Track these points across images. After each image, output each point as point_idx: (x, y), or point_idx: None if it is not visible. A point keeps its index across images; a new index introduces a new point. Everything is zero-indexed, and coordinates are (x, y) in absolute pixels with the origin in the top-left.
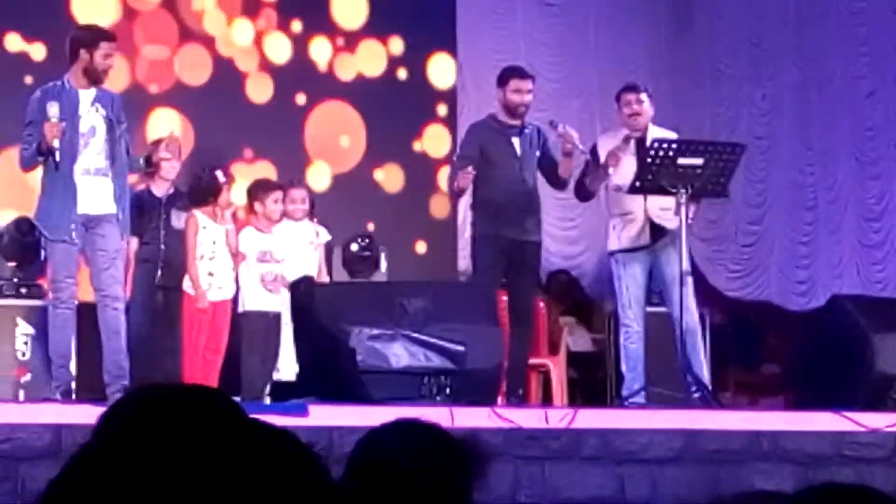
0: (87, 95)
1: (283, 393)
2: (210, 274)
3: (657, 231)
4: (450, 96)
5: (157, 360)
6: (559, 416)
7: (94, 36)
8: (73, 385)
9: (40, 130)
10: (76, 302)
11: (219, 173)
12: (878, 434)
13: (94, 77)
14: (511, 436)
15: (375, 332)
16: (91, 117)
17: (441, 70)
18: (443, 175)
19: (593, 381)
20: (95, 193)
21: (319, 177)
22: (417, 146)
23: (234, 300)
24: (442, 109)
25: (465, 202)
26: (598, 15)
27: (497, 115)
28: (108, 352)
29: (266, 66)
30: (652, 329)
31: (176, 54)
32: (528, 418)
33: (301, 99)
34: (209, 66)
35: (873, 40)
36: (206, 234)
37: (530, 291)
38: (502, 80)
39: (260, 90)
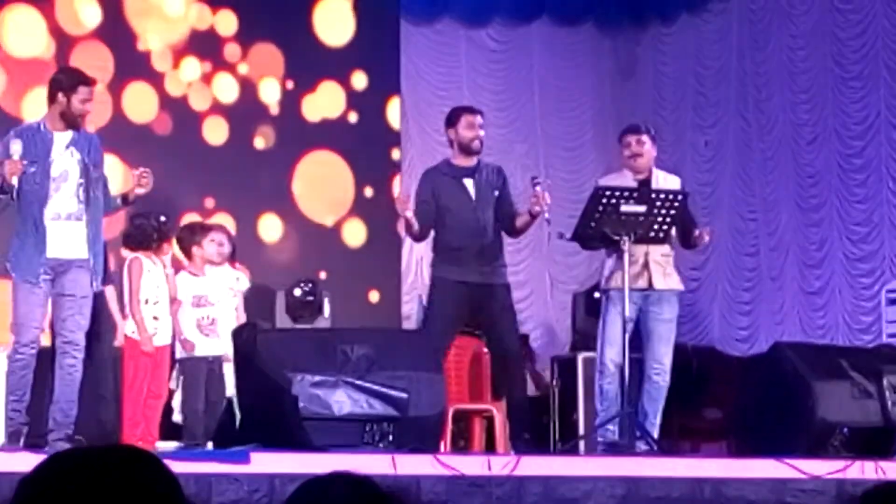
0: (62, 138)
1: (225, 439)
2: (155, 318)
3: (653, 278)
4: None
5: (95, 408)
6: (502, 464)
7: (72, 80)
8: (25, 430)
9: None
10: (37, 346)
11: (162, 218)
12: (820, 481)
13: (71, 121)
14: (454, 483)
15: (318, 378)
16: (64, 161)
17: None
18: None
19: (537, 427)
20: (67, 238)
21: (271, 226)
22: (368, 192)
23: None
24: (396, 154)
25: (406, 249)
26: (542, 61)
27: (451, 159)
28: (59, 399)
29: (218, 106)
30: (586, 374)
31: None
32: (470, 465)
33: (259, 143)
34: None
35: (814, 88)
36: (150, 277)
37: (513, 332)
38: (453, 120)
39: (214, 132)
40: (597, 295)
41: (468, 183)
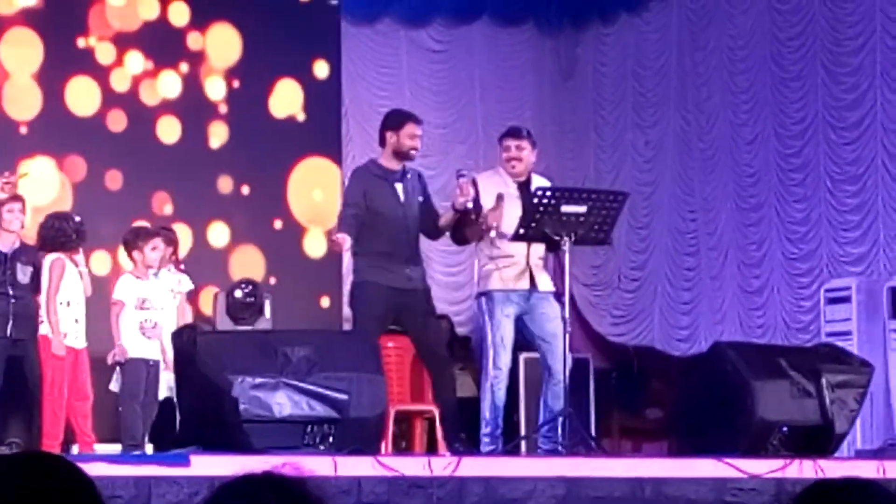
0: None
1: (165, 441)
2: (76, 321)
3: (534, 279)
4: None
5: (13, 413)
6: (443, 465)
7: None
8: None
9: None
10: None
11: (77, 218)
12: (759, 480)
13: None
14: (394, 484)
15: (258, 380)
16: None
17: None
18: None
19: (478, 428)
20: None
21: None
22: (318, 195)
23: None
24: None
25: (346, 254)
26: (484, 61)
27: (378, 160)
28: None
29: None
30: (528, 375)
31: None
32: (411, 466)
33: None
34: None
35: (754, 88)
36: (70, 279)
37: (438, 334)
38: (397, 124)
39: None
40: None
41: (398, 188)
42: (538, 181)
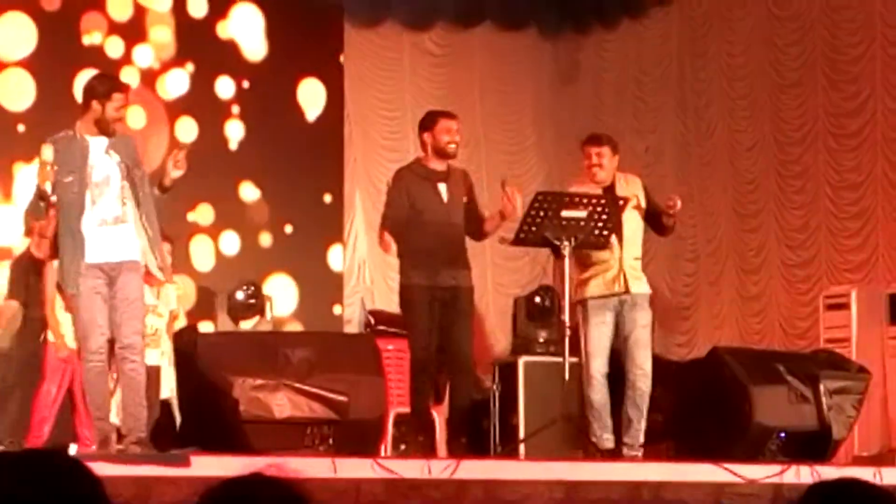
0: (98, 144)
1: (165, 442)
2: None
3: (628, 283)
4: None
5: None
6: (442, 467)
7: (107, 88)
8: (115, 436)
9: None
10: (106, 352)
11: None
12: (757, 485)
13: (105, 129)
14: (393, 486)
15: (259, 382)
16: (104, 166)
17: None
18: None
19: (477, 430)
20: (114, 241)
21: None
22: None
23: None
24: None
25: (348, 252)
26: (485, 65)
27: (423, 160)
28: (127, 404)
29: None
30: (527, 378)
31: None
32: (410, 468)
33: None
34: None
35: (753, 94)
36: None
37: (469, 337)
38: (430, 124)
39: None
40: (537, 299)
41: (442, 188)
42: (628, 183)
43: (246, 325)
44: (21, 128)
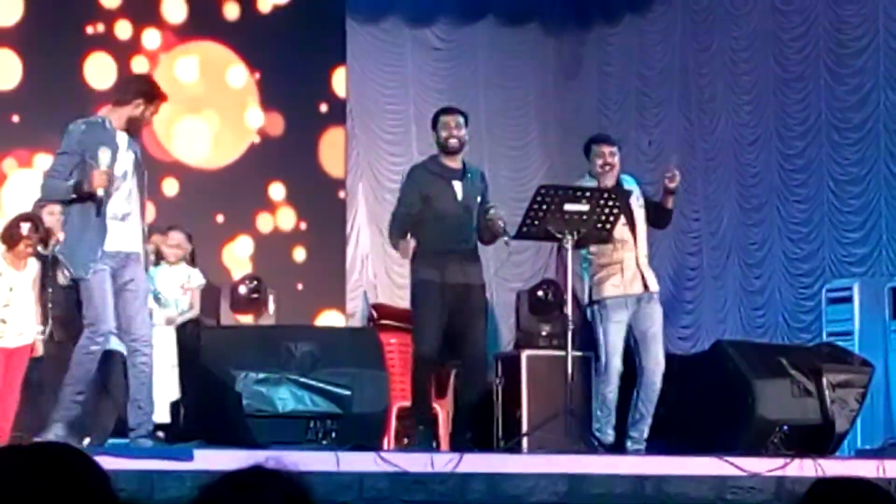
0: (123, 139)
1: (168, 435)
2: (3, 321)
3: (646, 281)
4: None
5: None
6: (445, 461)
7: (156, 92)
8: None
9: (81, 169)
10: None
11: (24, 225)
12: (759, 478)
13: (135, 128)
14: (397, 480)
15: (262, 375)
16: (125, 161)
17: None
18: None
19: (480, 424)
20: (124, 234)
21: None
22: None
23: None
24: None
25: (350, 247)
26: (488, 60)
27: (438, 157)
28: (137, 397)
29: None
30: (530, 372)
31: None
32: (413, 462)
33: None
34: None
35: (756, 89)
36: (2, 280)
37: (482, 334)
38: (433, 122)
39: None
40: (540, 293)
41: (457, 185)
42: (628, 181)
43: (247, 319)
44: None
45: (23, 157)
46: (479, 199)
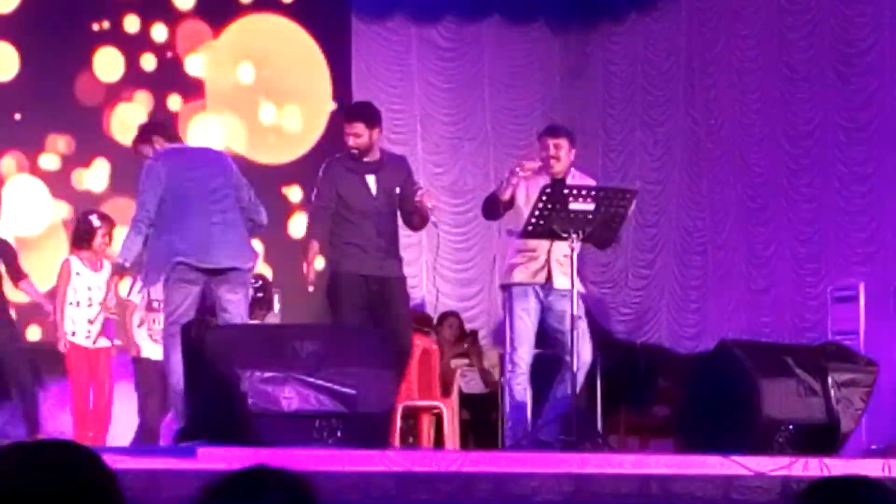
0: None
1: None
2: (90, 321)
3: (551, 275)
4: None
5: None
6: (450, 460)
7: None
8: None
9: None
10: None
11: (93, 217)
12: (765, 478)
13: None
14: (402, 479)
15: (267, 374)
16: None
17: None
18: None
19: (485, 423)
20: None
21: None
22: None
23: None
24: None
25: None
26: (493, 59)
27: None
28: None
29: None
30: (537, 372)
31: None
32: (418, 462)
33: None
34: None
35: (762, 87)
36: (81, 280)
37: (407, 327)
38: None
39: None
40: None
41: (370, 179)
42: (578, 178)
43: (253, 318)
44: None
45: (22, 155)
46: (397, 190)
